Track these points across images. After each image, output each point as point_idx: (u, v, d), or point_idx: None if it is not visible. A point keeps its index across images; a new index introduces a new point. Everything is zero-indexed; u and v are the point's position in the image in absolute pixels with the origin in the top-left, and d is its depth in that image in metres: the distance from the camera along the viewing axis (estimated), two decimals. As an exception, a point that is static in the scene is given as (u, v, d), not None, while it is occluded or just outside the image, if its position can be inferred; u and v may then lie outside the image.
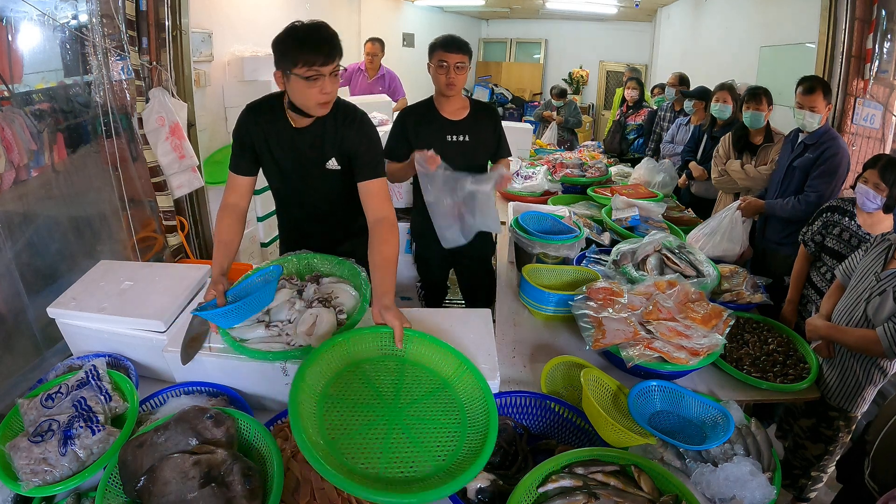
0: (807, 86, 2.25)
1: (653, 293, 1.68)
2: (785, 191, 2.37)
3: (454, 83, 2.04)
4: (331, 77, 1.40)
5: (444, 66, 2.02)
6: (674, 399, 1.41)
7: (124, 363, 1.39)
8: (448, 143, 2.11)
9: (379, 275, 1.38)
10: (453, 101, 2.12)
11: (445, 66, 2.02)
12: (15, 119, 1.94)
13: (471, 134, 2.14)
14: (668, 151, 3.82)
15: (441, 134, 2.11)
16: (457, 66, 2.02)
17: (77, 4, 2.27)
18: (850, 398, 1.65)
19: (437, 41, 2.07)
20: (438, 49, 2.04)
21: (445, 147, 2.06)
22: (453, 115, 2.14)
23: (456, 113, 2.14)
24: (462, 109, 2.15)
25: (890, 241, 1.60)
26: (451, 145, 2.11)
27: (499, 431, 1.26)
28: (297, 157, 1.59)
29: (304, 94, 1.41)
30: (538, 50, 9.72)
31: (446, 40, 2.05)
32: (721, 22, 5.24)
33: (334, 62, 1.39)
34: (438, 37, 2.10)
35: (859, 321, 1.58)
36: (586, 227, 2.37)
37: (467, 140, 2.14)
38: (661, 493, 1.07)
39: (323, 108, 1.46)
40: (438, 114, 2.13)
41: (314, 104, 1.43)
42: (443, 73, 2.03)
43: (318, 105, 1.44)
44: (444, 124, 2.12)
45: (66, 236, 2.27)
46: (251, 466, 1.02)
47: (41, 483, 1.03)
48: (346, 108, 1.57)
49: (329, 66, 1.38)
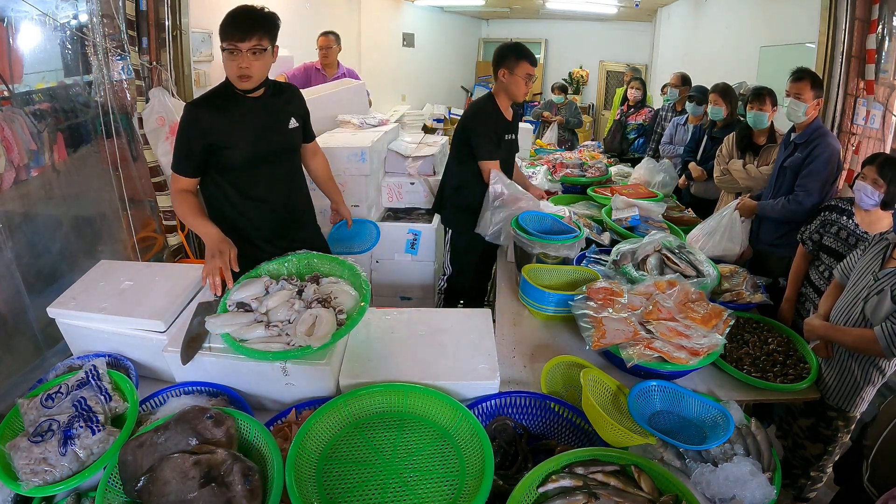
0: (796, 74, 2.25)
1: (653, 293, 1.68)
2: (777, 192, 2.37)
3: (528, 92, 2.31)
4: (249, 53, 1.52)
5: (529, 77, 2.24)
6: (674, 399, 1.40)
7: (124, 363, 1.39)
8: (506, 142, 2.38)
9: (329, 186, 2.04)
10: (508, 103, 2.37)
11: (530, 77, 2.24)
12: (15, 119, 1.94)
13: (515, 133, 2.44)
14: (668, 152, 3.81)
15: (503, 133, 2.36)
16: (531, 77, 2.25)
17: (77, 4, 2.27)
18: (849, 398, 1.65)
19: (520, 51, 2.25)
20: (525, 61, 2.23)
21: (505, 146, 2.37)
22: (508, 115, 2.39)
23: (509, 114, 2.40)
24: (510, 111, 2.40)
25: (888, 241, 1.60)
26: (508, 143, 2.40)
27: (499, 431, 1.27)
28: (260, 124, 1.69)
29: (227, 66, 1.57)
30: (538, 50, 9.70)
31: (529, 53, 2.25)
32: (721, 22, 5.23)
33: (251, 40, 1.51)
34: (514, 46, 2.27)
35: (857, 321, 1.57)
36: (586, 227, 2.37)
37: (514, 139, 2.43)
38: (661, 493, 1.07)
39: (242, 82, 1.58)
40: (502, 115, 2.36)
41: (234, 76, 1.58)
42: (526, 82, 2.24)
43: (237, 78, 1.57)
44: (505, 124, 2.37)
45: (66, 236, 2.27)
46: (251, 466, 1.02)
47: (41, 483, 1.04)
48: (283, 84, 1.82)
49: (245, 42, 1.50)
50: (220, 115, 1.63)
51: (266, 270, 1.51)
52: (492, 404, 1.34)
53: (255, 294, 1.39)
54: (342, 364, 1.34)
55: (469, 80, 9.50)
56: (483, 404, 1.32)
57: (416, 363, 1.35)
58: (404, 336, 1.44)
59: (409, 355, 1.37)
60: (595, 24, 8.78)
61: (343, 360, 1.35)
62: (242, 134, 1.66)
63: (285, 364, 1.25)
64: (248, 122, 1.67)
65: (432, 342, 1.43)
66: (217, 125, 1.62)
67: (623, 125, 4.77)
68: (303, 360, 1.26)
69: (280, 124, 1.75)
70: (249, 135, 1.67)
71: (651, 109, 4.67)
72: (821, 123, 2.30)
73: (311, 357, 1.26)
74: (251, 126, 1.67)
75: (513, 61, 2.21)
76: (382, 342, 1.43)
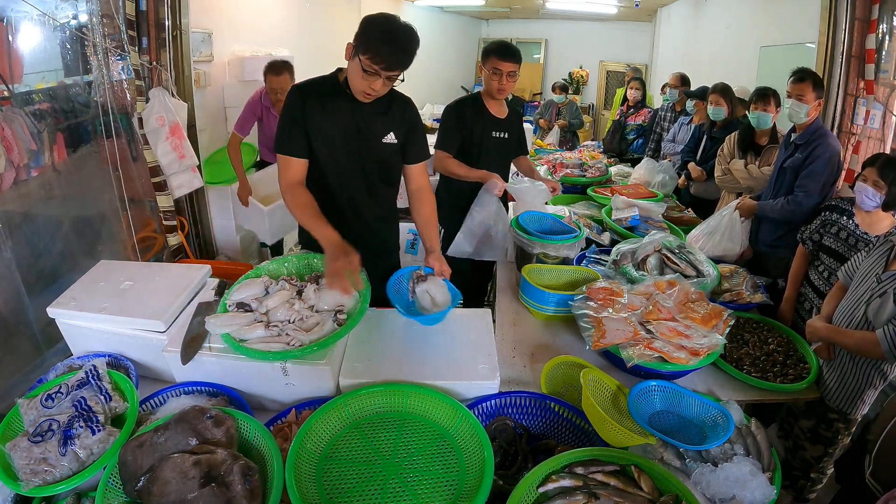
0: (797, 76, 2.25)
1: (653, 293, 1.68)
2: (777, 192, 2.36)
3: (504, 89, 2.22)
4: (385, 81, 1.46)
5: (497, 73, 2.18)
6: (674, 399, 1.40)
7: (124, 363, 1.39)
8: (493, 140, 2.32)
9: (423, 231, 1.67)
10: (499, 102, 2.33)
11: (499, 73, 2.18)
12: (15, 119, 1.94)
13: (509, 132, 2.37)
14: (670, 150, 3.82)
15: (489, 130, 2.30)
16: (509, 74, 2.18)
17: (77, 4, 2.27)
18: (850, 400, 1.64)
19: (493, 47, 2.21)
20: (493, 56, 2.19)
21: (491, 143, 2.31)
22: (498, 113, 2.33)
23: (500, 112, 2.34)
24: (504, 109, 2.35)
25: (892, 242, 1.59)
26: (496, 142, 2.33)
27: (499, 431, 1.27)
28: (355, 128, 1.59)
29: (355, 79, 1.49)
30: (538, 50, 9.72)
31: (501, 48, 2.20)
32: (721, 22, 5.23)
33: (396, 71, 1.45)
34: (493, 42, 2.24)
35: (860, 323, 1.57)
36: (586, 227, 2.37)
37: (506, 138, 2.36)
38: (661, 493, 1.07)
39: (363, 97, 1.52)
40: (487, 111, 2.31)
41: (358, 91, 1.51)
42: (496, 79, 2.20)
43: (361, 93, 1.51)
44: (492, 121, 2.31)
45: (66, 236, 2.27)
46: (251, 466, 1.02)
47: (41, 483, 1.04)
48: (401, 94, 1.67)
49: (389, 71, 1.44)
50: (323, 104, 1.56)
51: (266, 270, 1.51)
52: (492, 404, 1.34)
53: (254, 294, 1.39)
54: (342, 364, 1.34)
55: (469, 80, 9.49)
56: (483, 404, 1.32)
57: (416, 363, 1.35)
58: (404, 336, 1.44)
59: (409, 355, 1.38)
60: (595, 24, 8.79)
61: (343, 360, 1.35)
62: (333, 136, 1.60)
63: (285, 364, 1.25)
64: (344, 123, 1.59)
65: (432, 342, 1.43)
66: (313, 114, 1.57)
67: (622, 126, 4.77)
68: (303, 360, 1.26)
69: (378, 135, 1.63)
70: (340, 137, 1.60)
71: (650, 110, 4.67)
72: (821, 124, 2.30)
73: (311, 357, 1.26)
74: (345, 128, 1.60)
75: (485, 56, 2.22)
76: (382, 342, 1.43)
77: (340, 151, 1.60)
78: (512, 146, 2.43)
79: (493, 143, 2.32)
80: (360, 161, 1.63)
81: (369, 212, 1.72)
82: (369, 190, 1.69)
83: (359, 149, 1.61)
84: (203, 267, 1.60)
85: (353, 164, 1.63)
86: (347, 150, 1.60)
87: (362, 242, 1.73)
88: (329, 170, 1.63)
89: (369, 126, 1.59)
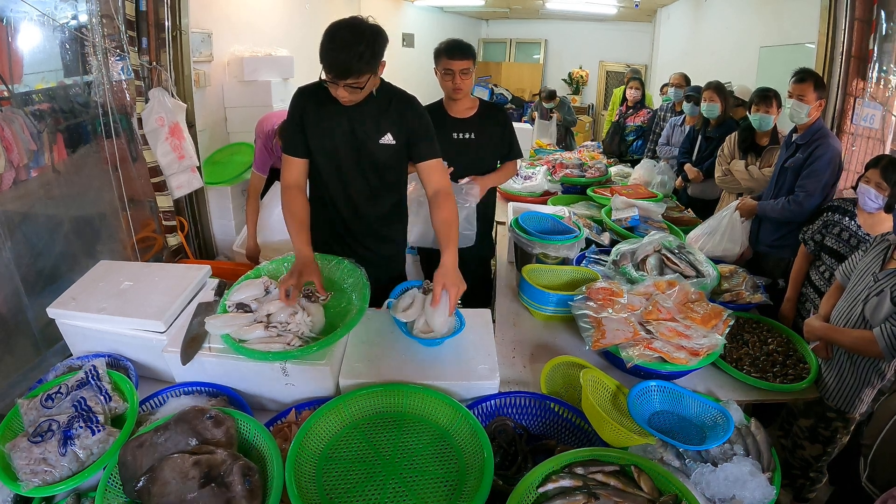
0: (799, 76, 2.25)
1: (652, 293, 1.68)
2: (778, 192, 2.36)
3: (461, 88, 2.14)
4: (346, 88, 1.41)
5: (449, 73, 2.11)
6: (673, 399, 1.40)
7: (124, 363, 1.39)
8: (454, 140, 2.21)
9: (437, 237, 1.55)
10: (462, 102, 2.22)
11: (451, 72, 2.10)
12: (15, 119, 1.94)
13: (477, 132, 2.23)
14: (665, 153, 3.81)
15: (447, 131, 2.20)
16: (462, 72, 2.10)
17: (77, 4, 2.27)
18: (848, 400, 1.64)
19: (441, 48, 2.14)
20: (443, 56, 2.12)
21: (451, 144, 2.18)
22: (461, 113, 2.23)
23: (463, 112, 2.24)
24: (470, 109, 2.25)
25: (889, 242, 1.59)
26: (457, 142, 2.21)
27: (498, 431, 1.27)
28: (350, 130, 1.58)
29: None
30: (538, 50, 9.72)
31: (449, 46, 2.12)
32: (721, 22, 5.24)
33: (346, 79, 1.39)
34: (441, 43, 2.16)
35: (857, 322, 1.57)
36: (586, 228, 2.37)
37: (473, 138, 2.23)
38: (661, 493, 1.07)
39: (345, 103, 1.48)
40: (446, 113, 2.23)
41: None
42: (449, 79, 2.12)
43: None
44: (451, 122, 2.22)
45: (66, 236, 2.26)
46: (251, 466, 1.02)
47: (41, 483, 1.04)
48: (403, 94, 1.64)
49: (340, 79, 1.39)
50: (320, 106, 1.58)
51: (266, 271, 1.51)
52: (491, 404, 1.34)
53: (254, 295, 1.39)
54: (342, 364, 1.34)
55: (469, 81, 9.49)
56: (483, 404, 1.32)
57: (416, 363, 1.35)
58: (404, 336, 1.44)
59: (408, 355, 1.37)
60: (595, 24, 8.79)
61: (343, 360, 1.35)
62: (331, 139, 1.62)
63: (285, 364, 1.25)
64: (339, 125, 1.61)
65: (432, 342, 1.42)
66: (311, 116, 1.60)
67: (622, 127, 4.77)
68: (303, 361, 1.26)
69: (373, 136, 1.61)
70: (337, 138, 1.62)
71: (650, 111, 4.66)
72: (822, 124, 2.29)
73: (311, 357, 1.26)
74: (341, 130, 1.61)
75: (436, 58, 2.15)
76: (382, 342, 1.43)
77: (337, 152, 1.61)
78: (483, 147, 2.24)
79: (454, 143, 2.20)
80: (356, 162, 1.63)
81: (370, 212, 1.72)
82: (369, 191, 1.69)
83: (355, 150, 1.61)
84: (203, 267, 1.60)
85: (350, 165, 1.63)
86: (344, 151, 1.60)
87: (364, 242, 1.74)
88: (327, 170, 1.64)
89: (364, 127, 1.58)
